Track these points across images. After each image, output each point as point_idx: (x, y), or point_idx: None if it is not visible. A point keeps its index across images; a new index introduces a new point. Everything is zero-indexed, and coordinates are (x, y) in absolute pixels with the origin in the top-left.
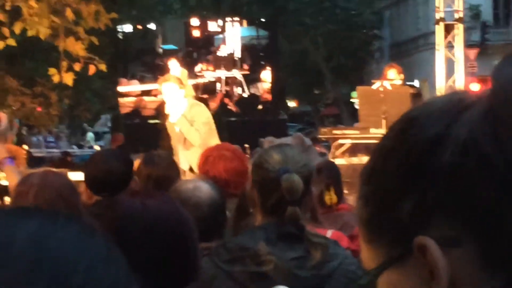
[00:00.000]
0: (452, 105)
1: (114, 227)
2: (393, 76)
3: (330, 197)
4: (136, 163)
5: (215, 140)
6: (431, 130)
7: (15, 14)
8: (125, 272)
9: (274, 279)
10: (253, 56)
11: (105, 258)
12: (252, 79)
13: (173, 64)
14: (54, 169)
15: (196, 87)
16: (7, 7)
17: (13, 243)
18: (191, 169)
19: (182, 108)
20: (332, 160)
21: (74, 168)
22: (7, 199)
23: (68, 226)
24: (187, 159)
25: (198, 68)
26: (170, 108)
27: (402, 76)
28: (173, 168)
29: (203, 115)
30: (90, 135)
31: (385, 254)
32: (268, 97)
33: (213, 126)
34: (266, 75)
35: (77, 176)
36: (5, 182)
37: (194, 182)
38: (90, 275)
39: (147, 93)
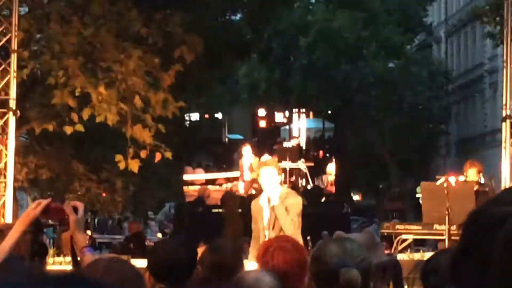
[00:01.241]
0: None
1: None
2: (472, 175)
3: None
4: (199, 251)
5: (299, 233)
6: (489, 221)
7: (84, 100)
8: None
9: None
10: (319, 148)
11: None
12: (317, 171)
13: (247, 151)
14: (118, 256)
15: None
16: (77, 93)
17: None
18: None
19: (278, 194)
20: (394, 255)
21: (136, 255)
22: None
23: None
24: None
25: (263, 158)
26: (269, 192)
27: (480, 175)
28: (237, 257)
29: (298, 207)
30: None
31: None
32: (332, 189)
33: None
34: (331, 167)
35: (139, 263)
36: None
37: (256, 273)
38: None
39: (211, 182)
